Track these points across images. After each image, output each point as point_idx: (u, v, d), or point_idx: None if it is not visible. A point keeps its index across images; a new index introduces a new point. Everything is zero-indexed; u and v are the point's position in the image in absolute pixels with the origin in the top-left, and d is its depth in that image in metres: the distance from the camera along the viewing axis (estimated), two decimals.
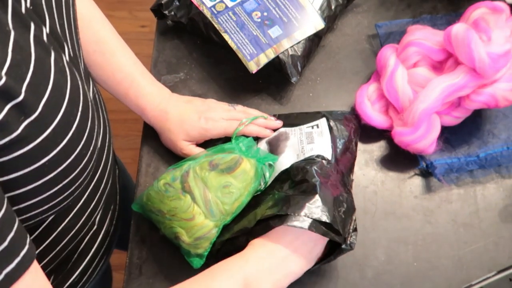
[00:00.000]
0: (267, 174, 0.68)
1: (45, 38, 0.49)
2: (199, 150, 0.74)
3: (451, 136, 0.75)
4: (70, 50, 0.56)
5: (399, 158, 0.75)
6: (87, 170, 0.55)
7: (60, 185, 0.51)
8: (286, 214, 0.59)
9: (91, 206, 0.65)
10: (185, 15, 0.84)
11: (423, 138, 0.70)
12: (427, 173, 0.74)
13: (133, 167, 0.85)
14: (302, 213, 0.58)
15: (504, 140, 0.75)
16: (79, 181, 0.54)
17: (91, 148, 0.54)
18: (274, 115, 0.77)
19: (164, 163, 0.77)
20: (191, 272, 0.68)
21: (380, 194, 0.73)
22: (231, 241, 0.64)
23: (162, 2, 0.85)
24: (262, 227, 0.60)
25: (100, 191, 0.66)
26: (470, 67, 0.69)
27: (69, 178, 0.52)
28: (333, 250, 0.63)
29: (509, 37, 0.71)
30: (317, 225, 0.58)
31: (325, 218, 0.58)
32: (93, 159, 0.56)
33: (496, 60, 0.68)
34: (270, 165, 0.69)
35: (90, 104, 0.54)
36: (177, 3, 0.85)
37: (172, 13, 0.85)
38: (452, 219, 0.71)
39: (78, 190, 0.55)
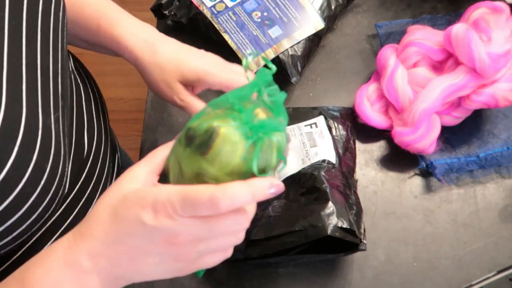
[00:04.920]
0: (279, 162, 0.43)
1: None
2: (201, 103, 0.60)
3: (451, 136, 0.75)
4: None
5: (399, 158, 0.75)
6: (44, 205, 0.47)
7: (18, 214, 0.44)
8: (305, 229, 0.61)
9: None
10: (185, 15, 0.84)
11: (423, 138, 0.70)
12: (427, 173, 0.74)
13: None
14: (320, 224, 0.60)
15: (504, 140, 0.75)
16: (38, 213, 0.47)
17: (43, 182, 0.45)
18: None
19: None
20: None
21: (380, 194, 0.73)
22: (243, 251, 0.64)
23: (162, 2, 0.85)
24: (282, 242, 0.62)
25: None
26: (470, 67, 0.69)
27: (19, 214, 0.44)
28: (333, 248, 0.64)
29: (509, 37, 0.71)
30: (337, 230, 0.60)
31: (341, 223, 0.60)
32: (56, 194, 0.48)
33: (496, 60, 0.68)
34: (279, 147, 0.42)
35: (41, 133, 0.44)
36: (177, 3, 0.85)
37: (172, 13, 0.85)
38: (452, 219, 0.71)
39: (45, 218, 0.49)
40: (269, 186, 0.39)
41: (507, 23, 0.72)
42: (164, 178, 0.46)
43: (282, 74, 0.79)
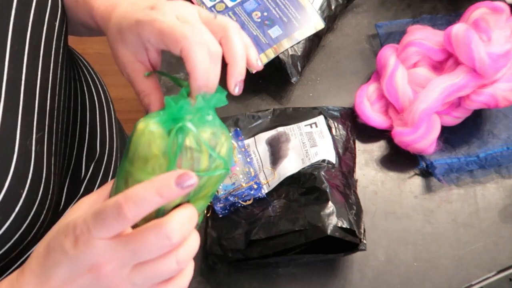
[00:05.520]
0: (224, 149, 0.38)
1: None
2: (152, 83, 0.44)
3: (451, 136, 0.75)
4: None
5: (399, 158, 0.75)
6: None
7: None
8: (305, 229, 0.61)
9: None
10: None
11: (423, 138, 0.70)
12: (427, 173, 0.74)
13: None
14: (320, 224, 0.60)
15: (504, 140, 0.75)
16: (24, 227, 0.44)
17: (18, 209, 0.43)
18: (268, 109, 0.77)
19: None
20: None
21: (380, 194, 0.73)
22: (243, 251, 0.64)
23: None
24: (282, 242, 0.62)
25: None
26: (470, 67, 0.69)
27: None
28: (333, 248, 0.64)
29: (509, 37, 0.71)
30: (337, 230, 0.60)
31: (341, 223, 0.61)
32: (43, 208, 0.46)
33: (496, 60, 0.68)
34: (215, 134, 0.37)
35: (16, 157, 0.41)
36: None
37: None
38: (452, 219, 0.71)
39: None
40: (175, 180, 0.32)
41: (507, 23, 0.72)
42: None
43: (282, 74, 0.79)
